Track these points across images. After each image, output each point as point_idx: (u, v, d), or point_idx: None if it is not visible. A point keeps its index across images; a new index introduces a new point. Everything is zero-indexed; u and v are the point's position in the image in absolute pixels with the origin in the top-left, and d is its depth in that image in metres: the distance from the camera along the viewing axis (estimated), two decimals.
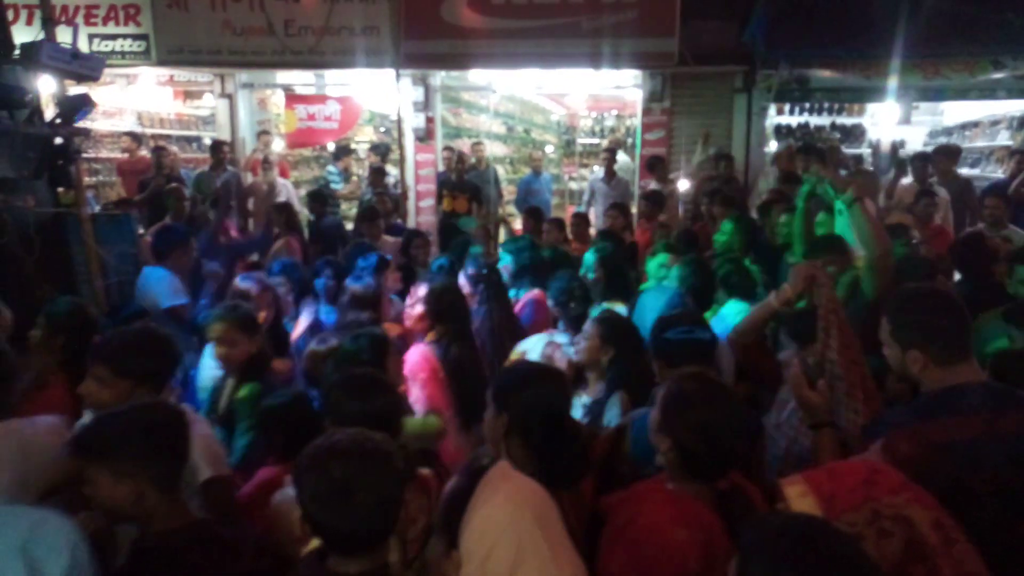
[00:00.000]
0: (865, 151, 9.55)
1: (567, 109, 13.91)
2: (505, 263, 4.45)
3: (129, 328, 2.49)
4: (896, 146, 8.11)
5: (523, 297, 4.21)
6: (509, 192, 10.65)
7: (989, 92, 8.22)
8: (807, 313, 2.39)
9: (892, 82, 7.56)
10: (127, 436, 1.65)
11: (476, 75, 9.33)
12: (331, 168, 9.01)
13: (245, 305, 3.19)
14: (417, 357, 3.07)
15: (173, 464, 1.71)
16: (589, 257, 3.99)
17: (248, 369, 2.94)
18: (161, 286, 4.18)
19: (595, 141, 12.98)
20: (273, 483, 2.24)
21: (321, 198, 7.28)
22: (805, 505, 1.40)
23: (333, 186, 8.70)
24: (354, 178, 9.80)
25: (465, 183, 8.27)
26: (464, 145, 10.01)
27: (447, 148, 9.24)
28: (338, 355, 2.69)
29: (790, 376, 2.15)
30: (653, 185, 7.76)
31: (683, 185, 7.84)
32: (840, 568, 1.12)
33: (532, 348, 3.35)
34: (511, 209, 10.03)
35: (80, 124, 4.42)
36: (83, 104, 4.22)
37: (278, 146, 9.73)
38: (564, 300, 3.49)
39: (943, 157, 6.93)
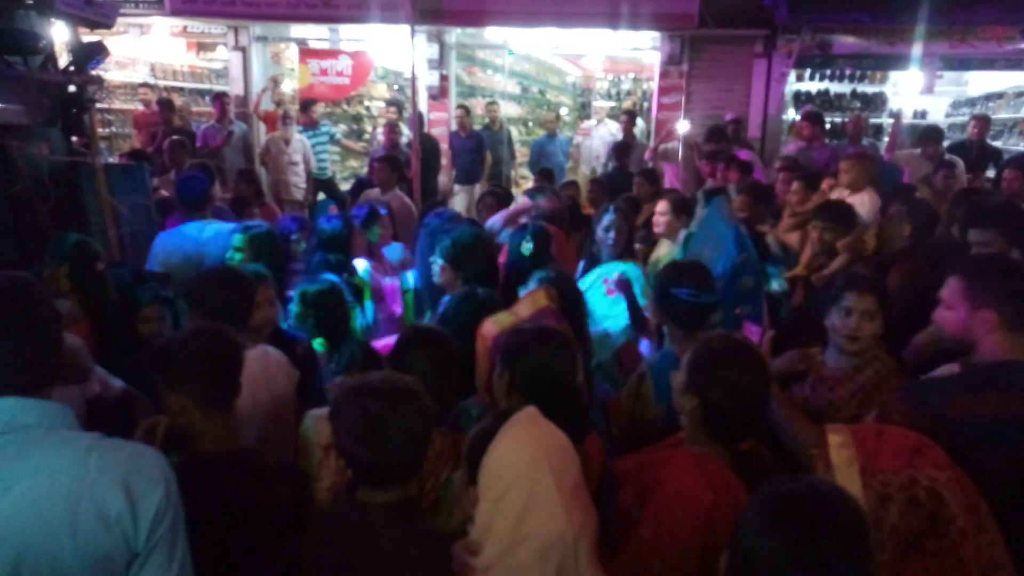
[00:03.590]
0: (886, 120, 9.39)
1: (583, 71, 13.72)
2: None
3: None
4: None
5: None
6: (522, 154, 10.57)
7: (1016, 62, 8.02)
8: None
9: (916, 50, 7.39)
10: (179, 352, 1.77)
11: (492, 33, 9.19)
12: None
13: None
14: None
15: (218, 387, 1.79)
16: (607, 216, 3.91)
17: None
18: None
19: (611, 104, 12.83)
20: None
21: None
22: (842, 456, 1.43)
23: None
24: (366, 135, 9.70)
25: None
26: (479, 105, 9.89)
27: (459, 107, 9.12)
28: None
29: None
30: None
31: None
32: (828, 533, 1.13)
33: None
34: (523, 171, 9.96)
35: (94, 73, 4.40)
36: (97, 52, 4.19)
37: (288, 87, 9.57)
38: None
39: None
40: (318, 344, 2.98)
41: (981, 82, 9.87)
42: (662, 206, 4.25)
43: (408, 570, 1.50)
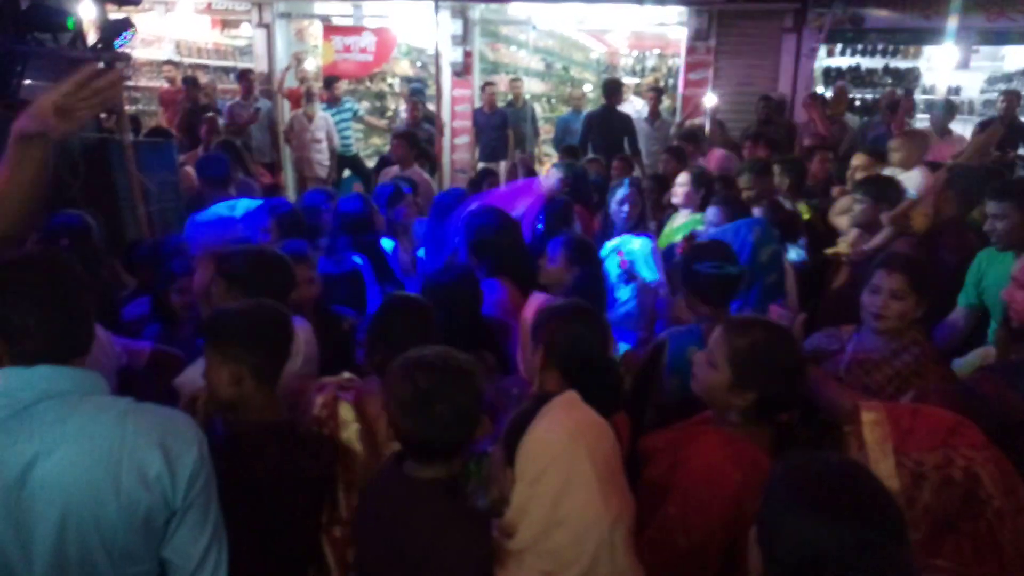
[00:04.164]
0: (920, 97, 9.16)
1: (608, 47, 13.53)
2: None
3: None
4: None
5: None
6: (545, 131, 10.48)
7: None
8: None
9: (952, 23, 7.20)
10: (238, 323, 1.81)
11: (516, 8, 9.09)
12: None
13: None
14: None
15: (273, 358, 1.84)
16: (621, 190, 3.98)
17: None
18: None
19: (636, 81, 12.66)
20: None
21: None
22: (875, 434, 1.42)
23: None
24: (389, 112, 9.66)
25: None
26: (502, 81, 9.81)
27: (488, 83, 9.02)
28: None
29: None
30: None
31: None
32: (857, 509, 1.10)
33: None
34: (547, 149, 9.88)
35: (121, 50, 4.44)
36: (124, 28, 4.23)
37: (311, 65, 9.59)
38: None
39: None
40: None
41: (1018, 57, 9.60)
42: (682, 178, 4.31)
43: (448, 547, 1.51)
